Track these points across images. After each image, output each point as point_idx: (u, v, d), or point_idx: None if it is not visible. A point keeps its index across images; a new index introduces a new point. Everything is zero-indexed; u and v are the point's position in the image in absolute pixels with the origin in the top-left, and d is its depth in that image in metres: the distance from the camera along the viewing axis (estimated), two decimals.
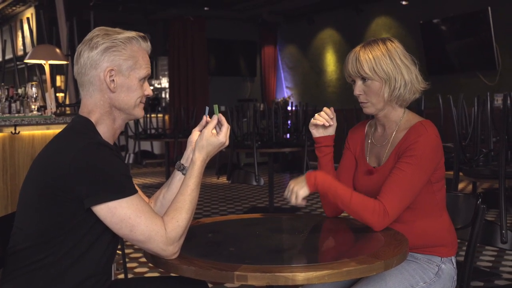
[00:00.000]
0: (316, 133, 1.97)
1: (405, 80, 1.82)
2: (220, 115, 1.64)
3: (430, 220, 1.83)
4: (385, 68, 1.81)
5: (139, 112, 1.60)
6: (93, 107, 1.54)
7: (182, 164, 1.73)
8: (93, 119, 1.54)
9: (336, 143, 2.02)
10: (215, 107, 1.65)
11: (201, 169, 1.57)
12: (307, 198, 1.80)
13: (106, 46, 1.50)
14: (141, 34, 1.57)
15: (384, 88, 1.82)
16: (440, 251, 1.82)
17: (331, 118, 1.94)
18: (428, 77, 1.96)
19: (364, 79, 1.84)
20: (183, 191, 1.52)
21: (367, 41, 1.87)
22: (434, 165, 1.79)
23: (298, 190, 1.77)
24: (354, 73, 1.85)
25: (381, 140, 1.93)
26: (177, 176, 1.73)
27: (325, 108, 1.94)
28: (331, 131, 1.96)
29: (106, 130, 1.55)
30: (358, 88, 1.87)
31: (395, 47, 1.84)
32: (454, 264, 1.85)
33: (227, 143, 1.63)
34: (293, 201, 1.78)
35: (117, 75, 1.52)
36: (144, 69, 1.56)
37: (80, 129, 1.51)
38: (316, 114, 1.94)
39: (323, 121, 1.92)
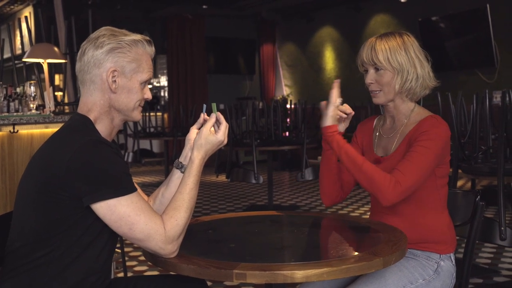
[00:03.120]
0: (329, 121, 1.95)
1: (417, 74, 1.84)
2: (219, 113, 1.64)
3: (432, 216, 1.84)
4: (400, 59, 1.83)
5: (137, 115, 1.60)
6: (92, 105, 1.54)
7: (181, 162, 1.73)
8: (91, 117, 1.54)
9: None
10: (213, 105, 1.65)
11: (199, 167, 1.57)
12: (306, 197, 1.80)
13: (112, 46, 1.50)
14: (147, 38, 1.58)
15: (396, 79, 1.84)
16: (439, 248, 1.83)
17: (347, 115, 1.92)
18: None
19: (377, 68, 1.86)
20: (182, 190, 1.52)
21: (384, 33, 1.90)
22: (445, 155, 1.82)
23: (323, 117, 1.82)
24: (368, 61, 1.87)
25: (389, 132, 1.94)
26: (176, 174, 1.73)
27: (345, 105, 1.94)
28: (341, 128, 1.95)
29: (105, 129, 1.56)
30: (370, 76, 1.88)
31: (411, 41, 1.87)
32: (453, 261, 1.86)
33: (225, 142, 1.63)
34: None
35: (120, 76, 1.52)
36: (146, 73, 1.56)
37: (78, 127, 1.51)
38: (340, 106, 1.92)
39: (341, 114, 1.90)
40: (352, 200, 6.31)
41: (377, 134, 1.99)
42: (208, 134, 1.59)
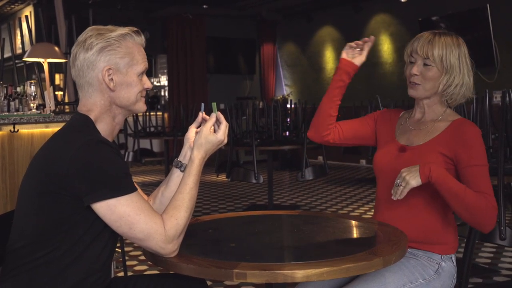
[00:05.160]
0: (345, 54, 1.99)
1: (463, 81, 1.85)
2: (219, 113, 1.64)
3: (437, 217, 1.84)
4: (453, 61, 1.82)
5: (141, 107, 1.60)
6: (92, 105, 1.54)
7: (180, 161, 1.72)
8: (92, 116, 1.53)
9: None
10: (213, 105, 1.65)
11: (199, 167, 1.57)
12: (306, 197, 1.81)
13: (101, 46, 1.50)
14: (134, 28, 1.56)
15: (442, 78, 1.84)
16: (441, 249, 1.83)
17: (363, 45, 1.95)
18: None
19: (426, 63, 1.84)
20: (181, 189, 1.52)
21: (441, 31, 1.88)
22: None
23: (410, 180, 1.71)
24: (422, 52, 1.84)
25: (417, 125, 1.93)
26: (175, 173, 1.73)
27: (365, 38, 1.96)
28: (357, 61, 1.97)
29: (106, 128, 1.55)
30: (418, 68, 1.86)
31: (465, 48, 1.86)
32: (454, 262, 1.86)
33: (225, 141, 1.63)
34: (398, 193, 1.72)
35: (115, 73, 1.52)
36: (141, 64, 1.55)
37: (79, 126, 1.51)
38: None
39: (356, 45, 1.94)
40: (352, 200, 6.31)
41: (402, 124, 1.98)
42: (208, 133, 1.59)
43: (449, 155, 1.80)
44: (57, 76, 8.06)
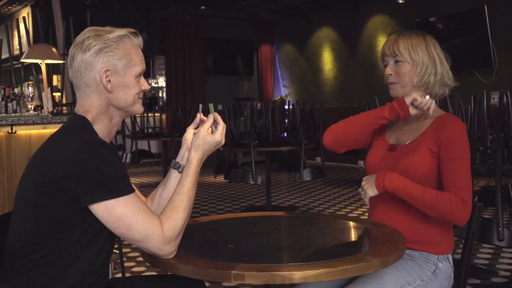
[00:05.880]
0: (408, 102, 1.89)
1: (436, 70, 1.89)
2: (216, 114, 1.64)
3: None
4: (420, 54, 1.88)
5: (139, 108, 1.60)
6: (89, 107, 1.54)
7: (178, 162, 1.73)
8: (89, 117, 1.53)
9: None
10: (211, 106, 1.65)
11: (197, 168, 1.57)
12: (304, 198, 1.81)
13: (99, 47, 1.50)
14: (132, 30, 1.56)
15: (414, 71, 1.88)
16: (437, 249, 1.83)
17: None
18: None
19: (396, 60, 1.90)
20: (179, 191, 1.52)
21: (407, 31, 1.95)
22: None
23: (368, 190, 1.81)
24: (389, 52, 1.91)
25: (404, 124, 1.97)
26: (173, 174, 1.73)
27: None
28: (412, 111, 1.88)
29: (103, 129, 1.55)
30: (390, 68, 1.92)
31: (433, 41, 1.93)
32: (451, 262, 1.86)
33: (223, 142, 1.63)
34: (363, 198, 1.85)
35: (113, 75, 1.52)
36: (139, 66, 1.56)
37: (76, 128, 1.51)
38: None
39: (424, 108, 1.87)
40: (350, 201, 6.32)
41: (391, 124, 2.01)
42: (205, 134, 1.59)
43: (436, 151, 1.84)
44: (54, 77, 8.05)
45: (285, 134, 6.47)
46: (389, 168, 1.84)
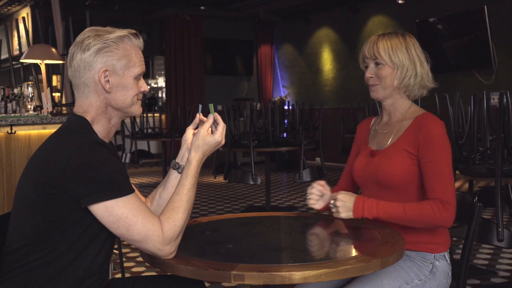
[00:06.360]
0: (318, 207, 1.95)
1: (416, 72, 1.89)
2: (216, 114, 1.64)
3: None
4: (400, 56, 1.87)
5: (137, 109, 1.60)
6: (88, 107, 1.54)
7: (177, 163, 1.72)
8: (88, 117, 1.53)
9: (335, 142, 2.02)
10: (211, 106, 1.65)
11: (197, 168, 1.56)
12: (304, 198, 1.81)
13: (99, 47, 1.50)
14: (132, 31, 1.56)
15: (395, 74, 1.88)
16: (433, 247, 1.84)
17: (321, 192, 1.93)
18: None
19: (377, 63, 1.90)
20: (179, 191, 1.52)
21: (387, 32, 1.95)
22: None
23: (341, 213, 1.78)
24: (369, 55, 1.90)
25: (384, 128, 1.98)
26: (173, 174, 1.73)
27: (316, 183, 1.95)
28: (326, 200, 1.95)
29: (102, 129, 1.55)
30: (370, 70, 1.92)
31: (413, 42, 1.92)
32: (448, 260, 1.87)
33: (223, 142, 1.63)
34: (334, 214, 1.81)
35: (112, 75, 1.52)
36: (138, 67, 1.55)
37: (76, 128, 1.51)
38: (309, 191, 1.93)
39: (314, 199, 1.93)
40: None
41: (373, 130, 2.03)
42: (205, 135, 1.59)
43: (414, 153, 1.84)
44: (54, 77, 8.06)
45: (285, 134, 6.47)
46: (371, 176, 1.87)
